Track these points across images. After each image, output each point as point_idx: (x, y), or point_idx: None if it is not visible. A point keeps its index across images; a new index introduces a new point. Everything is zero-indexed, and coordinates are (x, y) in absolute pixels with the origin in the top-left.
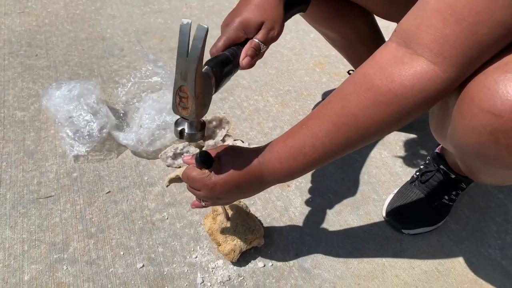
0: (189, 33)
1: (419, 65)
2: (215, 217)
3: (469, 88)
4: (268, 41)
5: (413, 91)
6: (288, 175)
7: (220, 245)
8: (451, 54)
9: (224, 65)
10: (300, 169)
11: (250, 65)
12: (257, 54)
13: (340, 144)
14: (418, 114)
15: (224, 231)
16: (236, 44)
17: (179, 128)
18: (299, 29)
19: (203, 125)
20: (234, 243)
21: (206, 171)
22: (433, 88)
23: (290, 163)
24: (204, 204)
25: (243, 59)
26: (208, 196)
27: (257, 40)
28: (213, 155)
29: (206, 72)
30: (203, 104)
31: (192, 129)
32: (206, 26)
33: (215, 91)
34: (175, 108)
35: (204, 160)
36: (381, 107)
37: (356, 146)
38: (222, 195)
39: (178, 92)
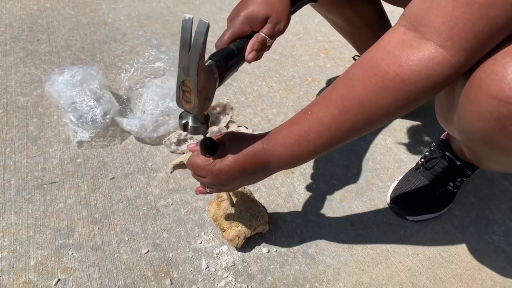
0: (191, 28)
1: (428, 50)
2: (220, 203)
3: (477, 73)
4: (275, 35)
5: (421, 76)
6: (293, 161)
7: (224, 231)
8: (461, 38)
9: (229, 59)
10: (305, 155)
11: (258, 57)
12: (263, 48)
13: (346, 130)
14: (426, 99)
15: (228, 217)
16: (242, 37)
17: (183, 121)
18: (303, 13)
19: (207, 117)
20: (238, 229)
21: (211, 158)
22: (442, 73)
23: (295, 149)
24: (208, 191)
25: (249, 53)
26: (213, 183)
27: (263, 34)
28: (217, 141)
29: (209, 66)
30: (206, 98)
31: (196, 122)
32: (207, 21)
33: (219, 85)
34: (179, 102)
35: (208, 146)
36: (388, 92)
37: (361, 132)
38: (227, 181)
39: (181, 86)
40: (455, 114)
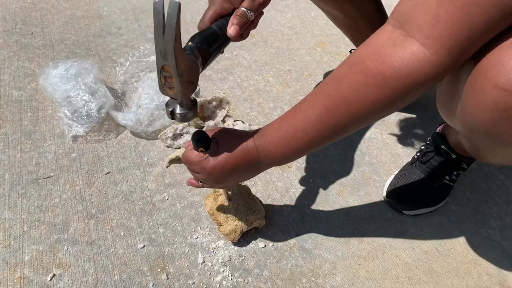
0: (163, 10)
1: (410, 47)
2: (217, 197)
3: (482, 63)
4: (255, 7)
5: (401, 73)
6: (282, 158)
7: (221, 225)
8: (442, 35)
9: (210, 39)
10: (294, 153)
11: (243, 35)
12: (244, 22)
13: (332, 128)
14: (408, 99)
15: (225, 211)
16: (224, 16)
17: (170, 109)
18: (299, 7)
19: (194, 102)
20: (235, 224)
21: (204, 154)
22: (422, 72)
23: (284, 147)
24: (201, 185)
25: (230, 28)
26: (206, 179)
27: (243, 8)
28: (210, 138)
29: (190, 49)
30: (189, 81)
31: (183, 108)
32: (178, 1)
33: (203, 68)
34: (162, 89)
35: (200, 139)
36: (371, 89)
37: (348, 129)
38: (221, 178)
39: (162, 72)
40: (458, 105)
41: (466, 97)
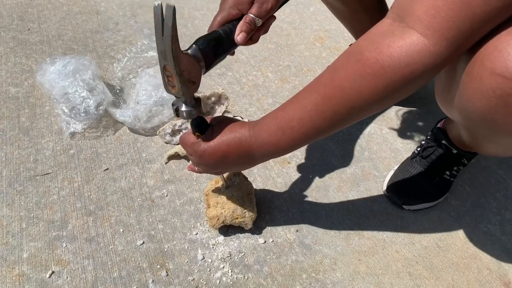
0: (161, 14)
1: (409, 37)
2: (218, 181)
3: (480, 50)
4: (262, 14)
5: (400, 63)
6: (276, 149)
7: (209, 207)
8: (442, 27)
9: (214, 43)
10: (289, 144)
11: (253, 39)
12: (252, 29)
13: (328, 118)
14: (407, 90)
15: (217, 197)
16: (233, 21)
17: (174, 107)
18: (298, 2)
19: (198, 100)
20: (220, 211)
21: (199, 138)
22: (422, 62)
23: (279, 136)
24: (197, 169)
25: (238, 35)
26: (198, 163)
27: (251, 15)
28: (209, 122)
29: (192, 50)
30: (190, 80)
31: (187, 106)
32: (172, 5)
33: (207, 69)
34: (166, 88)
35: (198, 124)
36: (368, 79)
37: (344, 122)
38: (211, 164)
39: (164, 72)
40: (455, 94)
41: (464, 85)
